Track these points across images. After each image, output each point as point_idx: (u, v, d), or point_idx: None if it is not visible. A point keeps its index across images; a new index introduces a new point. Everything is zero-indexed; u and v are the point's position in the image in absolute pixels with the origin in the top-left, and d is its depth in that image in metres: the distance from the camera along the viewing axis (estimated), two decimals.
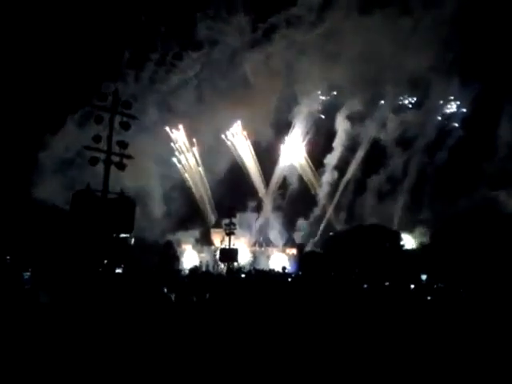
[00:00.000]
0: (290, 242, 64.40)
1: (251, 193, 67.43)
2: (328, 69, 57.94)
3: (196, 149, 66.85)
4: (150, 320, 8.71)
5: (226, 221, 41.34)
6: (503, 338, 8.71)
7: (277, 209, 67.39)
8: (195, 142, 66.53)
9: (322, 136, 65.54)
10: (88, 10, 54.96)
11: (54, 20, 52.82)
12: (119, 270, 25.64)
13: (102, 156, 14.39)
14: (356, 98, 60.77)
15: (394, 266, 35.79)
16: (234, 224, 39.64)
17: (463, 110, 64.23)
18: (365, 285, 26.62)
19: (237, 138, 67.18)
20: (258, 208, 67.57)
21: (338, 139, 64.85)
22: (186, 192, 65.34)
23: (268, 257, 62.33)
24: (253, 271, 41.23)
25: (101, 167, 14.50)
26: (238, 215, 55.70)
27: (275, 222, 66.54)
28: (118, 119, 14.69)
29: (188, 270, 39.69)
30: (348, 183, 66.77)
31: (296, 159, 68.93)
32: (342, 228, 62.00)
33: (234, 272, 39.08)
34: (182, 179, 65.94)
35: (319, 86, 63.74)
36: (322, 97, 65.46)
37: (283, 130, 67.53)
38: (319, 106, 66.03)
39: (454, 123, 64.50)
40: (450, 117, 65.13)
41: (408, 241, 52.85)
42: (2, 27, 50.11)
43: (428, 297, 21.06)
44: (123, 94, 15.70)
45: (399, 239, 51.32)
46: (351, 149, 66.00)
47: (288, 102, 62.59)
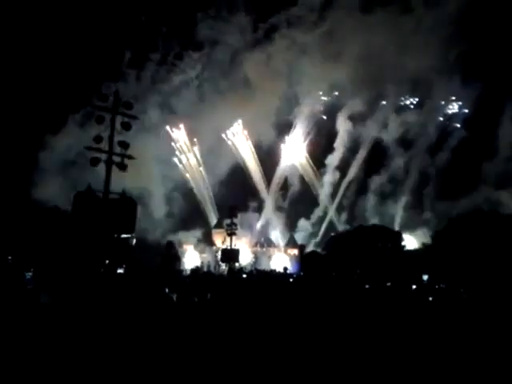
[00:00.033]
0: (292, 243, 64.21)
1: (253, 193, 67.41)
2: (329, 69, 57.89)
3: (197, 149, 66.82)
4: (152, 320, 8.68)
5: (228, 221, 41.25)
6: (504, 339, 8.66)
7: (278, 209, 67.36)
8: (196, 142, 66.53)
9: (324, 136, 65.46)
10: (89, 11, 55.06)
11: (56, 20, 52.92)
12: (121, 271, 25.63)
13: (104, 156, 14.36)
14: (357, 99, 60.70)
15: (396, 267, 35.71)
16: (236, 224, 39.54)
17: (465, 111, 64.12)
18: (366, 285, 26.57)
19: (237, 138, 67.00)
20: (260, 208, 67.52)
21: (340, 139, 64.77)
22: (188, 192, 65.31)
23: (269, 257, 62.22)
24: (254, 272, 41.19)
25: (102, 168, 14.49)
26: (240, 215, 55.62)
27: (277, 223, 66.47)
28: (119, 120, 14.67)
29: (189, 271, 39.68)
30: (349, 183, 66.73)
31: (297, 160, 68.82)
32: (344, 228, 61.87)
33: (236, 272, 39.01)
34: (184, 179, 65.92)
35: (320, 87, 63.65)
36: (324, 97, 65.35)
37: (284, 131, 67.49)
38: (321, 107, 65.98)
39: (456, 123, 64.41)
40: (452, 117, 65.02)
41: (410, 241, 52.67)
42: (4, 27, 50.19)
43: (430, 297, 21.00)
44: (124, 94, 15.67)
45: (401, 240, 51.16)
46: (353, 149, 66.00)
47: (289, 103, 62.56)
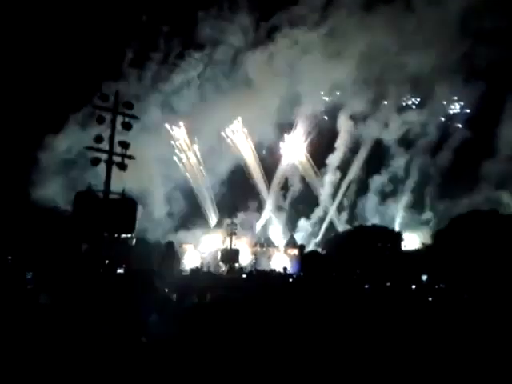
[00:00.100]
0: (292, 243, 64.19)
1: (253, 193, 67.42)
2: (331, 68, 57.78)
3: (198, 148, 66.75)
4: (151, 320, 8.69)
5: (228, 221, 41.34)
6: (504, 339, 8.66)
7: (278, 209, 67.36)
8: (197, 142, 66.44)
9: (324, 136, 65.39)
10: (90, 10, 55.07)
11: (57, 19, 52.93)
12: (121, 271, 25.66)
13: (104, 156, 14.40)
14: (359, 98, 60.60)
15: (396, 267, 35.73)
16: (236, 224, 39.65)
17: (467, 111, 64.06)
18: (366, 285, 26.57)
19: (237, 136, 66.73)
20: (260, 208, 67.54)
21: (341, 139, 64.73)
22: (188, 192, 65.29)
23: (269, 257, 62.20)
24: (254, 272, 41.19)
25: (102, 168, 14.52)
26: (240, 215, 55.68)
27: (277, 223, 66.50)
28: (120, 119, 14.71)
29: (189, 271, 39.68)
30: (350, 183, 66.72)
31: (298, 159, 68.78)
32: (344, 228, 61.87)
33: (235, 272, 39.06)
34: (184, 179, 65.90)
35: (322, 86, 63.54)
36: (325, 97, 65.24)
37: (285, 131, 67.47)
38: (322, 107, 65.88)
39: (458, 124, 64.36)
40: (453, 117, 64.97)
41: (410, 241, 52.70)
42: (4, 26, 50.21)
43: (429, 298, 21.01)
44: (125, 94, 15.73)
45: (401, 240, 51.21)
46: (353, 149, 65.96)
47: (290, 102, 62.46)
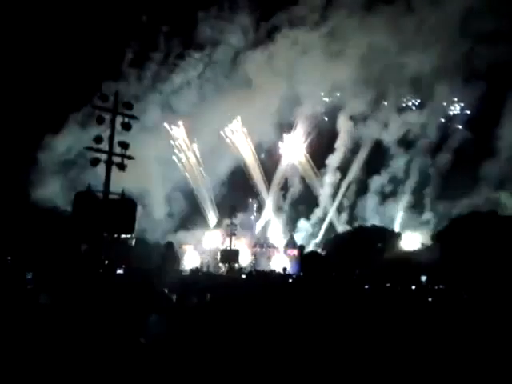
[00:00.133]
0: (292, 243, 64.18)
1: (252, 193, 67.46)
2: (331, 69, 57.81)
3: (197, 148, 66.72)
4: (150, 320, 8.70)
5: (227, 221, 41.31)
6: (504, 340, 8.68)
7: (278, 209, 67.38)
8: (196, 142, 66.40)
9: (324, 137, 65.42)
10: (90, 10, 55.09)
11: (57, 19, 52.95)
12: (120, 271, 25.67)
13: (104, 157, 14.40)
14: (359, 99, 60.61)
15: (395, 268, 35.71)
16: (235, 225, 39.60)
17: (467, 112, 64.08)
18: (366, 286, 26.55)
19: (236, 136, 66.63)
20: (260, 209, 67.56)
21: (340, 140, 64.77)
22: (188, 192, 65.31)
23: (269, 258, 62.17)
24: (254, 272, 41.18)
25: (102, 168, 14.52)
26: (239, 216, 55.59)
27: (276, 223, 66.50)
28: (120, 120, 14.72)
29: (189, 271, 39.67)
30: (350, 184, 66.74)
31: (298, 160, 68.81)
32: (344, 229, 61.89)
33: (235, 273, 39.03)
34: (184, 179, 65.90)
35: (322, 87, 63.53)
36: (325, 98, 65.21)
37: (285, 131, 67.50)
38: (322, 108, 65.88)
39: (458, 125, 64.38)
40: (453, 118, 64.99)
41: (410, 242, 52.72)
42: (4, 26, 50.22)
43: (429, 298, 21.02)
44: (125, 94, 15.74)
45: (400, 240, 51.25)
46: (353, 149, 65.99)
47: (290, 103, 62.48)
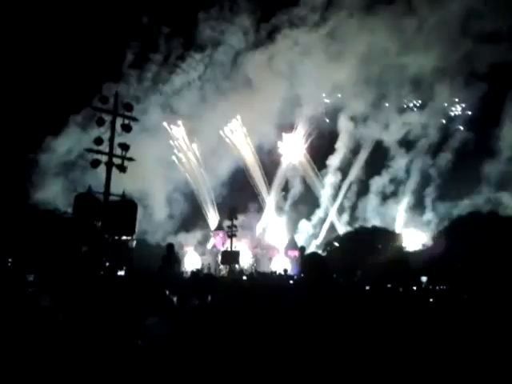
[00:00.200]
0: (292, 244, 64.11)
1: (253, 194, 67.50)
2: (331, 69, 57.94)
3: (198, 149, 66.77)
4: (150, 323, 8.63)
5: (228, 223, 41.23)
6: (505, 341, 8.62)
7: (279, 210, 67.38)
8: (197, 143, 66.45)
9: (325, 137, 65.54)
10: (91, 11, 55.22)
11: (57, 20, 53.11)
12: (121, 273, 25.63)
13: (104, 158, 14.43)
14: (359, 99, 60.72)
15: (396, 268, 35.64)
16: (236, 226, 39.51)
17: (468, 113, 64.14)
18: (367, 287, 26.50)
19: (236, 135, 66.63)
20: (260, 210, 67.55)
21: (341, 140, 64.88)
22: (188, 194, 65.39)
23: (270, 259, 62.17)
24: (255, 274, 41.13)
25: (103, 169, 14.55)
26: (240, 217, 55.44)
27: (277, 224, 66.45)
28: (120, 121, 14.74)
29: (190, 273, 39.62)
30: (351, 185, 66.81)
31: (298, 161, 68.83)
32: (345, 230, 61.88)
33: (236, 274, 38.96)
34: (185, 181, 65.98)
35: (323, 88, 63.65)
36: (326, 100, 65.26)
37: (286, 132, 67.57)
38: (323, 108, 65.96)
39: (459, 126, 64.46)
40: (454, 119, 65.07)
41: (410, 242, 52.72)
42: (4, 27, 50.31)
43: (430, 299, 20.94)
44: (126, 95, 15.78)
45: (401, 241, 51.19)
46: (354, 150, 66.07)
47: (291, 104, 62.62)
